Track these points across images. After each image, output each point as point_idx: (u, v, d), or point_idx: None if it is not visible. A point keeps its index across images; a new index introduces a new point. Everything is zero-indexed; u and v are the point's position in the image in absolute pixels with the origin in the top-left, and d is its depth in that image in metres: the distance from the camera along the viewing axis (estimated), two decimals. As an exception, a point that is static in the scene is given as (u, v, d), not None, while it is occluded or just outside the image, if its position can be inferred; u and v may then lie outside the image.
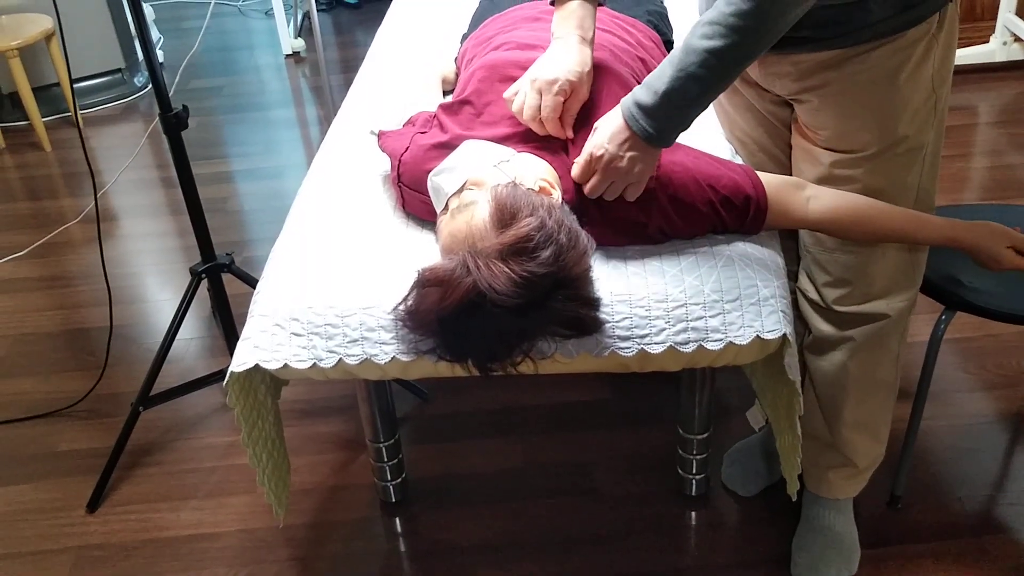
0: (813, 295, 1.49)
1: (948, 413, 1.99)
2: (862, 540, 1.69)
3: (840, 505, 1.68)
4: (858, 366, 1.49)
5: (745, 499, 1.83)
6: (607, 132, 1.26)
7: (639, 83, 1.52)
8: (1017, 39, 3.45)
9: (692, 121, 1.24)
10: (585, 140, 1.38)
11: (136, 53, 4.09)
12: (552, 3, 1.40)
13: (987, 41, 3.51)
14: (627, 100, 1.25)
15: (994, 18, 3.49)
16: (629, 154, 1.25)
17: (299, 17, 4.66)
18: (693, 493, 1.84)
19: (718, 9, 1.13)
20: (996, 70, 3.52)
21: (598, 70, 1.44)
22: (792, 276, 1.57)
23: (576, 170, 1.31)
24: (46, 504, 1.93)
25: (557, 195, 1.32)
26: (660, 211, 1.36)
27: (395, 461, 1.82)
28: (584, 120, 1.39)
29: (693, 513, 1.81)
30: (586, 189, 1.31)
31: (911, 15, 1.23)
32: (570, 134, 1.37)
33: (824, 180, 1.37)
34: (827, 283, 1.45)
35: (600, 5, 1.41)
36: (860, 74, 1.27)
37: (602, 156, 1.26)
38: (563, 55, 1.35)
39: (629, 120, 1.23)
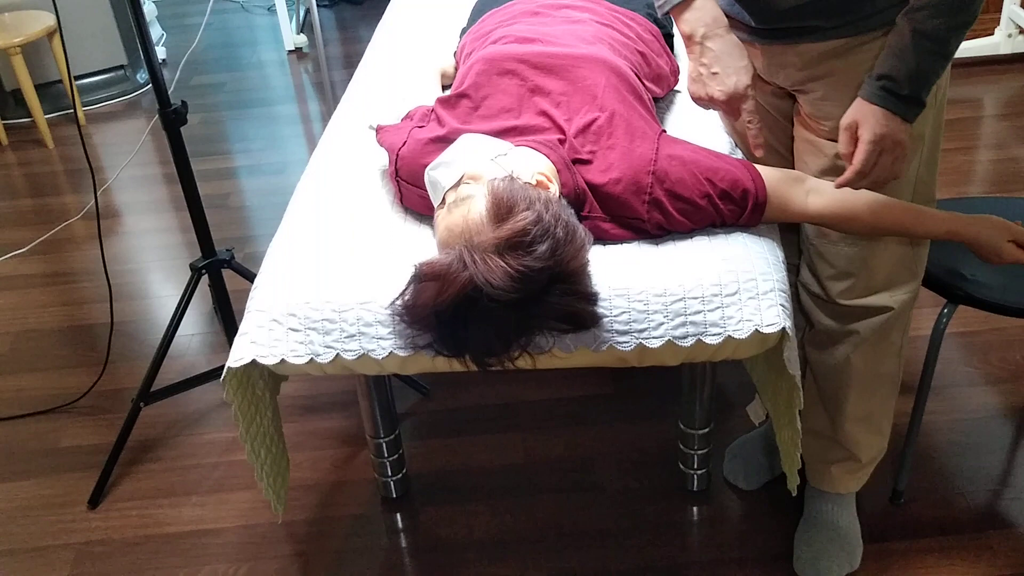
0: (816, 289, 1.48)
1: (951, 407, 1.98)
2: (864, 535, 1.68)
3: (843, 500, 1.67)
4: (861, 360, 1.48)
5: (747, 494, 1.82)
6: (877, 114, 1.22)
7: (639, 77, 1.52)
8: (1022, 31, 3.42)
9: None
10: (577, 119, 1.36)
11: (138, 49, 4.09)
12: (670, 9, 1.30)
13: (992, 33, 3.49)
14: (873, 91, 1.21)
15: (999, 10, 3.47)
16: (902, 128, 1.22)
17: (301, 13, 4.66)
18: (694, 488, 1.83)
19: None
20: (1001, 62, 3.50)
21: (598, 64, 1.44)
22: (793, 270, 1.57)
23: (862, 156, 1.24)
24: (48, 500, 1.93)
25: (554, 189, 1.31)
26: (658, 205, 1.35)
27: (396, 457, 1.82)
28: (580, 107, 1.38)
29: (694, 508, 1.80)
30: (872, 176, 1.25)
31: None
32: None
33: (828, 171, 1.37)
34: (831, 276, 1.44)
35: None
36: (865, 63, 1.26)
37: (887, 134, 1.22)
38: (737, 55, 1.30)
39: (887, 104, 1.21)
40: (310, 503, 1.88)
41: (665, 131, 1.44)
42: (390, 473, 1.84)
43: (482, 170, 1.28)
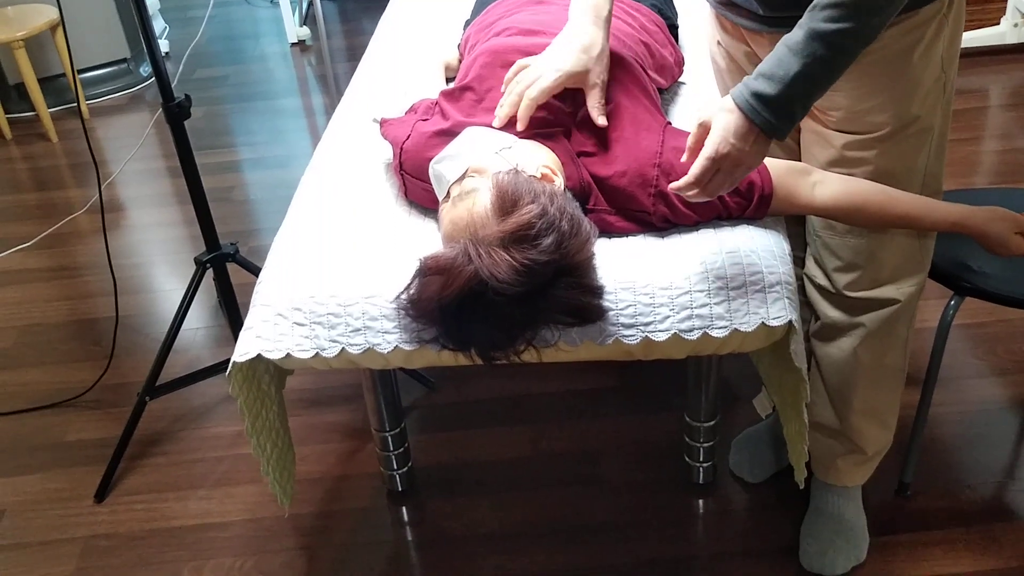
0: (822, 281, 1.47)
1: (957, 399, 1.98)
2: (871, 528, 1.68)
3: (849, 492, 1.66)
4: (867, 352, 1.48)
5: (753, 486, 1.82)
6: (728, 128, 1.17)
7: (643, 68, 1.52)
8: (1029, 20, 3.41)
9: (809, 110, 1.18)
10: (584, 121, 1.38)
11: (141, 43, 4.08)
12: None
13: (997, 23, 3.47)
14: (741, 93, 1.16)
15: (1005, 0, 3.45)
16: (754, 148, 1.18)
17: (304, 5, 4.65)
18: (700, 481, 1.83)
19: None
20: (1007, 52, 3.48)
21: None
22: (798, 262, 1.56)
23: (698, 169, 1.19)
24: (54, 494, 1.94)
25: (559, 182, 1.31)
26: (663, 198, 1.34)
27: (401, 450, 1.82)
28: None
29: (700, 501, 1.80)
30: (706, 191, 1.21)
31: None
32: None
33: (836, 163, 1.36)
34: (838, 268, 1.44)
35: None
36: (875, 52, 1.25)
37: (728, 154, 1.17)
38: (568, 43, 1.36)
39: (750, 113, 1.15)
40: (315, 497, 1.88)
41: (671, 123, 1.44)
42: (395, 467, 1.84)
43: (487, 163, 1.27)
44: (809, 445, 1.64)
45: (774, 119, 1.15)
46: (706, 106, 1.21)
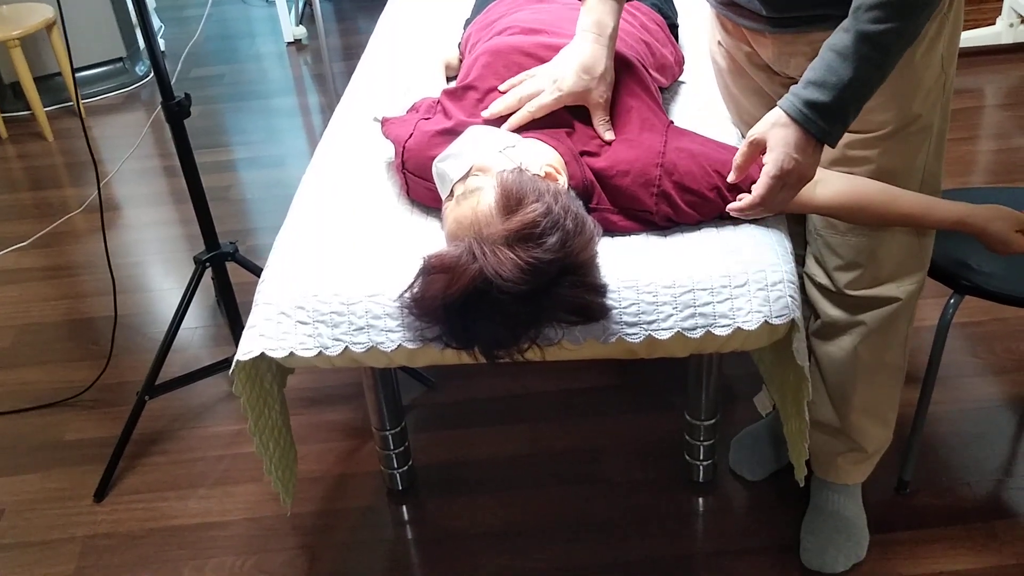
0: (823, 280, 1.48)
1: (957, 397, 1.98)
2: (871, 525, 1.69)
3: (849, 490, 1.67)
4: (867, 350, 1.48)
5: (753, 484, 1.82)
6: (789, 143, 1.17)
7: (644, 67, 1.52)
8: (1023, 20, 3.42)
9: (859, 114, 1.18)
10: (587, 130, 1.38)
11: (137, 42, 4.07)
12: None
13: (993, 23, 3.48)
14: (793, 104, 1.16)
15: (1000, 0, 3.46)
16: (813, 158, 1.19)
17: (300, 4, 4.64)
18: (701, 479, 1.84)
19: None
20: (1003, 52, 3.49)
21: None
22: (799, 261, 1.56)
23: (762, 190, 1.22)
24: (53, 494, 1.93)
25: (563, 181, 1.31)
26: (666, 198, 1.35)
27: (401, 449, 1.82)
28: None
29: (701, 499, 1.81)
30: (770, 208, 1.24)
31: None
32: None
33: (838, 161, 1.36)
34: (839, 267, 1.44)
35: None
36: None
37: (792, 169, 1.18)
38: (570, 62, 1.38)
39: (806, 123, 1.15)
40: (316, 495, 1.88)
41: (673, 122, 1.44)
42: (396, 465, 1.84)
43: (491, 162, 1.28)
44: (809, 443, 1.64)
45: (829, 127, 1.16)
46: (757, 124, 1.22)
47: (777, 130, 1.19)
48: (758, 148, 1.22)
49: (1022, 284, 1.53)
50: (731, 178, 1.29)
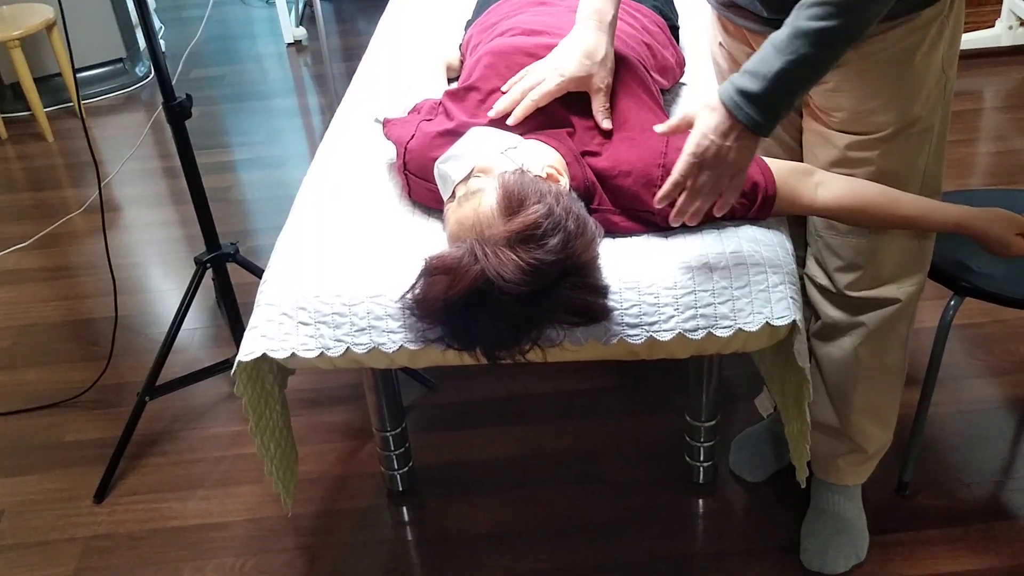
0: (823, 281, 1.48)
1: (956, 399, 1.99)
2: (871, 526, 1.69)
3: (849, 491, 1.67)
4: (868, 352, 1.49)
5: (753, 486, 1.83)
6: (709, 125, 1.18)
7: (646, 69, 1.52)
8: (1023, 23, 3.42)
9: (793, 106, 1.19)
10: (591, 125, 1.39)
11: (137, 43, 4.07)
12: None
13: (993, 25, 3.49)
14: (727, 89, 1.17)
15: (1000, 2, 3.47)
16: (736, 144, 1.18)
17: (301, 5, 4.64)
18: (701, 480, 1.84)
19: None
20: (1002, 54, 3.50)
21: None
22: (799, 262, 1.57)
23: (681, 167, 1.21)
24: (53, 494, 1.93)
25: (565, 182, 1.31)
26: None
27: (402, 450, 1.82)
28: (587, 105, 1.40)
29: (701, 500, 1.81)
30: (694, 186, 1.22)
31: None
32: (608, 124, 1.40)
33: (838, 163, 1.36)
34: (839, 268, 1.44)
35: None
36: (878, 54, 1.26)
37: (708, 148, 1.18)
38: (572, 48, 1.37)
39: (734, 109, 1.16)
40: (316, 496, 1.88)
41: (674, 124, 1.44)
42: (396, 466, 1.84)
43: (492, 163, 1.28)
44: (810, 444, 1.65)
45: (758, 116, 1.16)
46: (692, 103, 1.22)
47: (705, 112, 1.20)
48: (686, 125, 1.23)
49: (1022, 286, 1.54)
50: (658, 130, 1.27)
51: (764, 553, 1.69)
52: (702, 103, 1.21)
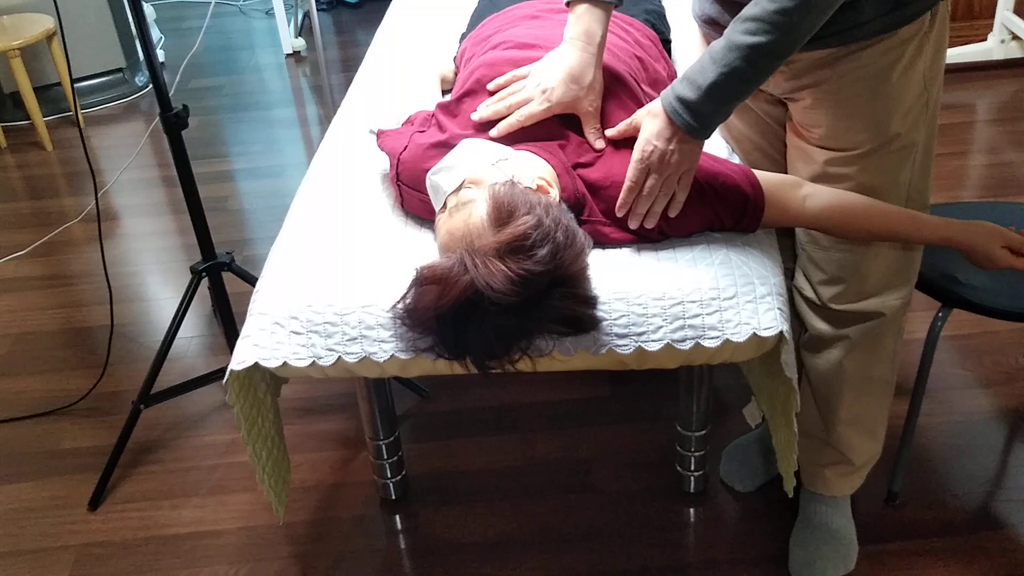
0: (809, 293, 1.50)
1: (945, 410, 2.00)
2: (860, 537, 1.70)
3: (837, 502, 1.68)
4: (854, 364, 1.50)
5: (743, 495, 1.84)
6: (652, 129, 1.27)
7: (637, 82, 1.54)
8: (1015, 37, 3.45)
9: (731, 112, 1.26)
10: (581, 140, 1.40)
11: (137, 52, 4.10)
12: (567, 3, 1.41)
13: (985, 39, 3.51)
14: (668, 96, 1.25)
15: (992, 16, 3.50)
16: (678, 147, 1.26)
17: (299, 16, 4.67)
18: (691, 490, 1.85)
19: (760, 5, 1.14)
20: (994, 68, 3.52)
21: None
22: (788, 274, 1.58)
23: (631, 173, 1.30)
24: (48, 502, 1.94)
25: (555, 193, 1.32)
26: (657, 209, 1.36)
27: (395, 458, 1.83)
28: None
29: (691, 510, 1.82)
30: (643, 200, 1.32)
31: (903, 13, 1.23)
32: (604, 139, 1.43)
33: (818, 178, 1.38)
34: (822, 281, 1.46)
35: (617, 5, 1.40)
36: (853, 72, 1.28)
37: (652, 152, 1.27)
38: (558, 70, 1.39)
39: (672, 115, 1.25)
40: (309, 505, 1.89)
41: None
42: (389, 475, 1.85)
43: (483, 174, 1.29)
44: (797, 455, 1.66)
45: (694, 122, 1.24)
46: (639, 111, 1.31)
47: (648, 118, 1.29)
48: (632, 130, 1.32)
49: (1010, 297, 1.55)
50: (607, 135, 1.39)
51: (754, 563, 1.70)
52: (646, 109, 1.29)
